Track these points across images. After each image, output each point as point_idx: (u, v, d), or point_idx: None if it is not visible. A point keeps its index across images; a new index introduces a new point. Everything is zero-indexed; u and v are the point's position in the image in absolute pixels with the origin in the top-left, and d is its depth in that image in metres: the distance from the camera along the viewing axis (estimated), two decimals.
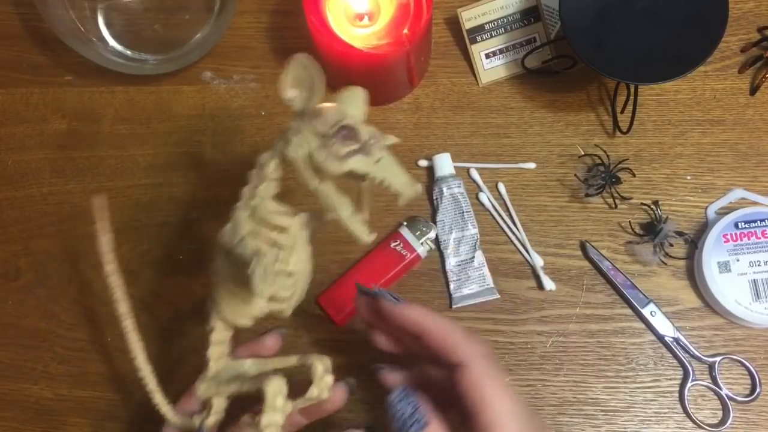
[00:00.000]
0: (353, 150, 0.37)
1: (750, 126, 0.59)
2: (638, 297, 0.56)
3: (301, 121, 0.39)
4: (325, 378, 0.41)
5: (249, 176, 0.41)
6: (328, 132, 0.38)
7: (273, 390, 0.39)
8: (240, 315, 0.43)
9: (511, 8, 0.60)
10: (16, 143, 0.63)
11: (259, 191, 0.41)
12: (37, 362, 0.58)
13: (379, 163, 0.38)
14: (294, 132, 0.39)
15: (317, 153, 0.38)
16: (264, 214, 0.41)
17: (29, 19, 0.65)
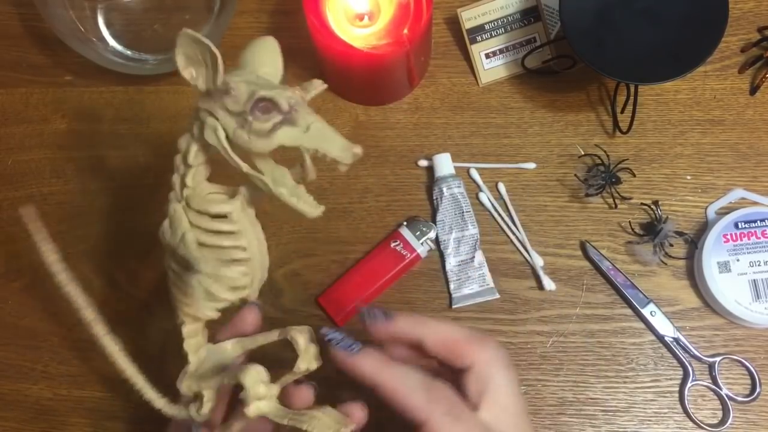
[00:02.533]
0: (277, 123, 0.34)
1: (750, 126, 0.59)
2: (638, 297, 0.56)
3: (211, 100, 0.35)
4: (310, 349, 0.40)
5: (175, 163, 0.39)
6: (243, 109, 0.34)
7: (251, 380, 0.37)
8: (203, 309, 0.41)
9: (511, 8, 0.60)
10: (16, 143, 0.63)
11: (188, 180, 0.38)
12: (37, 362, 0.58)
13: (308, 132, 0.34)
14: (206, 114, 0.35)
15: (237, 134, 0.34)
16: (200, 203, 0.38)
17: (29, 19, 0.65)
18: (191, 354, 0.43)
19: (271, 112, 0.34)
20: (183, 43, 0.34)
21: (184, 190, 0.38)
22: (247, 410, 0.37)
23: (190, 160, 0.37)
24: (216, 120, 0.35)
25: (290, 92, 0.34)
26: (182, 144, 0.38)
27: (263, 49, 0.37)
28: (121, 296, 0.59)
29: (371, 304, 0.43)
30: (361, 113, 0.61)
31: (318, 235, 0.59)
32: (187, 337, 0.42)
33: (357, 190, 0.60)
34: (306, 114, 0.34)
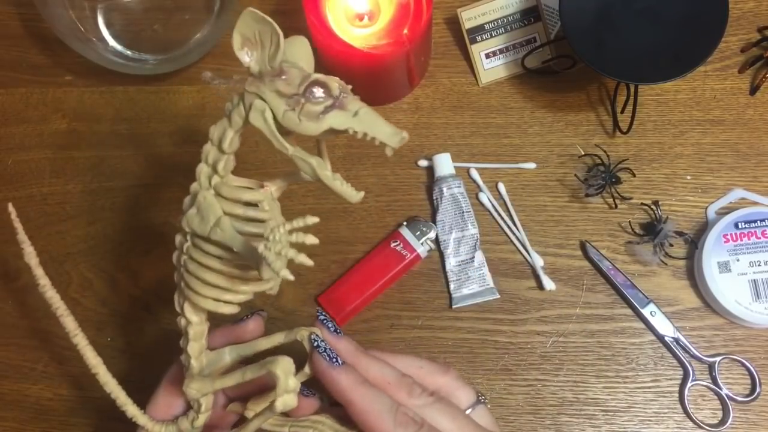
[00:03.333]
0: (328, 106, 0.34)
1: (750, 126, 0.59)
2: (638, 297, 0.56)
3: (261, 83, 0.35)
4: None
5: (204, 152, 0.38)
6: (296, 91, 0.34)
7: (285, 371, 0.36)
8: (223, 303, 0.40)
9: (511, 8, 0.60)
10: (16, 143, 0.63)
11: (219, 168, 0.38)
12: (37, 362, 0.58)
13: (357, 116, 0.34)
14: (253, 96, 0.35)
15: (288, 116, 0.34)
16: (231, 192, 0.38)
17: (29, 19, 0.65)
18: (194, 358, 0.41)
19: (322, 97, 0.34)
20: (244, 21, 0.35)
21: (213, 178, 0.38)
22: (277, 404, 0.36)
23: (225, 147, 0.37)
24: (264, 102, 0.35)
25: (338, 80, 0.35)
26: (216, 131, 0.38)
27: (298, 46, 0.37)
28: (121, 296, 0.59)
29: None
30: None
31: (318, 235, 0.58)
32: (192, 339, 0.41)
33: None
34: (354, 100, 0.35)
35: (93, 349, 0.44)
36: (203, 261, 0.39)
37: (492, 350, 0.56)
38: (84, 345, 0.44)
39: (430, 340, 0.57)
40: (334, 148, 0.60)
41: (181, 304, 0.41)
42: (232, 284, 0.39)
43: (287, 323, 0.57)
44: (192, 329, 0.41)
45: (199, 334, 0.41)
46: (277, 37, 0.35)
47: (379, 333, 0.57)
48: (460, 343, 0.57)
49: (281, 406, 0.36)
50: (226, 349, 0.42)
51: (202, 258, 0.39)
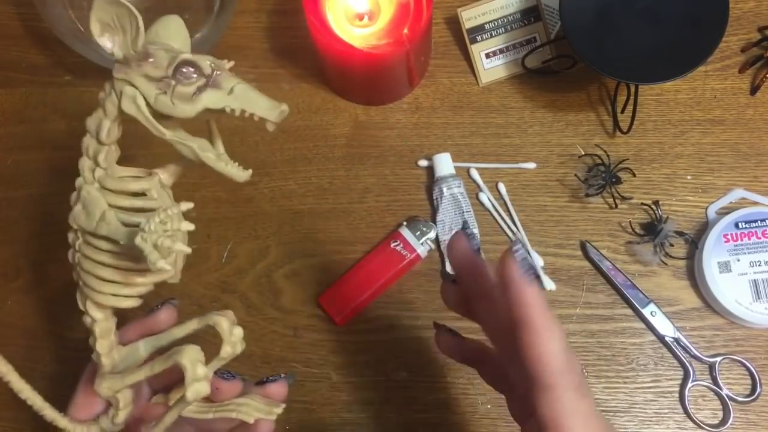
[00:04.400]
0: (201, 86, 0.33)
1: (750, 126, 0.59)
2: (638, 297, 0.56)
3: (128, 68, 0.34)
4: (234, 331, 0.38)
5: (84, 145, 0.37)
6: (165, 74, 0.33)
7: (191, 360, 0.35)
8: (123, 298, 0.39)
9: (511, 8, 0.60)
10: (16, 143, 0.62)
11: (100, 160, 0.37)
12: (37, 362, 0.58)
13: (233, 93, 0.34)
14: (122, 83, 0.34)
15: (160, 100, 0.34)
16: (116, 183, 0.37)
17: (29, 19, 0.65)
18: (104, 356, 0.40)
19: (194, 76, 0.34)
20: (99, 7, 0.33)
21: (96, 171, 0.37)
22: (187, 393, 0.35)
23: (103, 138, 0.36)
24: (135, 88, 0.34)
25: (209, 57, 0.34)
26: (92, 123, 0.37)
27: (170, 25, 0.36)
28: None
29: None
30: (361, 113, 0.61)
31: (318, 235, 0.59)
32: (100, 337, 0.40)
33: (357, 190, 0.60)
34: (228, 77, 0.34)
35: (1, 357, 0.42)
36: (96, 257, 0.38)
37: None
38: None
39: (430, 340, 0.57)
40: (333, 148, 0.60)
41: (83, 303, 0.40)
42: (129, 278, 0.38)
43: (286, 323, 0.57)
44: (98, 327, 0.40)
45: (105, 331, 0.40)
46: (135, 19, 0.33)
47: (379, 333, 0.57)
48: None
49: (192, 395, 0.35)
50: (140, 343, 0.41)
51: (94, 254, 0.38)
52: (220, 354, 0.37)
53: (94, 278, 0.39)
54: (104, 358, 0.40)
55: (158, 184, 0.38)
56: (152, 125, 0.35)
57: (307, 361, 0.57)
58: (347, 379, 0.56)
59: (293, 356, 0.57)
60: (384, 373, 0.56)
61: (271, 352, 0.57)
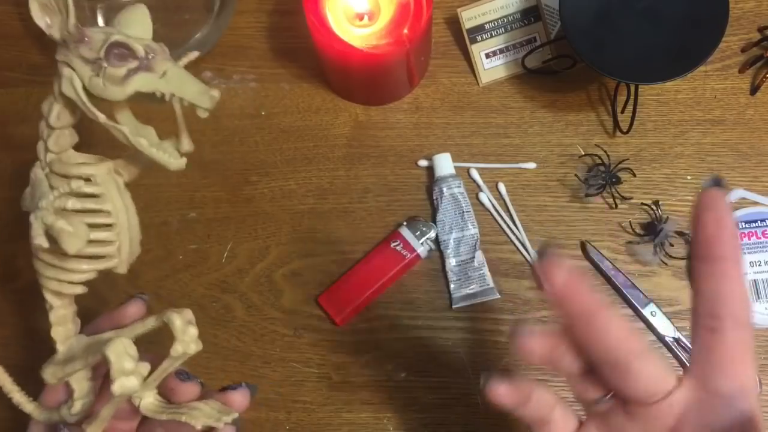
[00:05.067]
0: (132, 69, 0.33)
1: (750, 126, 0.59)
2: (638, 297, 0.56)
3: (67, 50, 0.34)
4: (189, 330, 0.36)
5: (39, 129, 0.37)
6: (98, 56, 0.33)
7: (116, 352, 0.34)
8: (66, 283, 0.39)
9: (511, 8, 0.60)
10: (16, 143, 0.62)
11: (50, 144, 0.37)
12: (38, 362, 0.58)
13: (165, 77, 0.33)
14: (63, 65, 0.34)
15: (93, 82, 0.34)
16: (62, 167, 0.37)
17: (29, 19, 0.64)
18: (59, 342, 0.40)
19: (127, 59, 0.33)
20: None
21: (47, 155, 0.37)
22: (113, 387, 0.34)
23: (52, 122, 0.36)
24: (72, 70, 0.34)
25: (148, 41, 0.34)
26: (45, 107, 0.37)
27: (132, 13, 0.36)
28: (120, 296, 0.59)
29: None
30: (361, 113, 0.61)
31: (318, 235, 0.59)
32: (55, 323, 0.40)
33: (357, 190, 0.60)
34: (163, 60, 0.34)
35: None
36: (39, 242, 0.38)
37: (492, 350, 0.56)
38: None
39: (430, 340, 0.57)
40: (333, 148, 0.60)
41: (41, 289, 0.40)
42: (72, 263, 0.38)
43: (286, 323, 0.57)
44: (54, 313, 0.40)
45: (61, 319, 0.40)
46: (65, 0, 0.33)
47: (379, 333, 0.57)
48: (460, 344, 0.57)
49: (118, 390, 0.34)
50: (105, 335, 0.40)
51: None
52: (171, 353, 0.36)
53: (41, 263, 0.39)
54: (59, 345, 0.40)
55: (105, 171, 0.38)
56: (87, 108, 0.35)
57: (307, 361, 0.57)
58: (347, 379, 0.56)
59: (293, 356, 0.57)
60: (384, 373, 0.56)
61: (271, 352, 0.57)
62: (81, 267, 0.38)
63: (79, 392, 0.40)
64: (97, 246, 0.38)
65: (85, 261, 0.38)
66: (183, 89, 0.33)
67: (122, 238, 0.39)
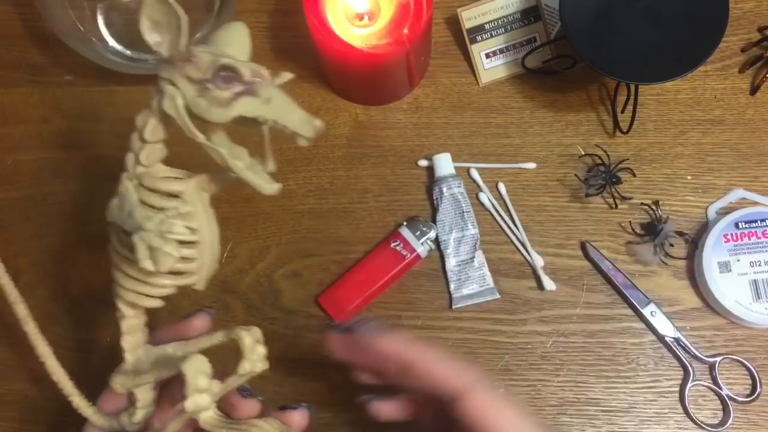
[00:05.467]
0: (237, 92, 0.33)
1: (750, 126, 0.59)
2: (638, 297, 0.56)
3: (172, 68, 0.34)
4: (257, 349, 0.37)
5: (131, 141, 0.38)
6: (204, 77, 0.33)
7: (192, 369, 0.35)
8: (145, 296, 0.39)
9: (511, 8, 0.60)
10: (16, 143, 0.62)
11: (142, 158, 0.37)
12: (38, 362, 0.58)
13: (269, 103, 0.33)
14: (166, 83, 0.34)
15: (196, 102, 0.33)
16: (151, 181, 0.37)
17: (29, 19, 0.65)
18: (128, 352, 0.41)
19: (232, 82, 0.33)
20: (148, 4, 0.33)
21: (137, 167, 0.37)
22: (186, 404, 0.35)
23: (147, 136, 0.36)
24: (176, 89, 0.34)
25: (254, 65, 0.34)
26: (140, 120, 0.37)
27: (231, 31, 0.36)
28: None
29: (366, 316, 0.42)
30: (361, 113, 0.61)
31: (318, 235, 0.59)
32: (125, 333, 0.40)
33: (357, 190, 0.60)
34: (268, 86, 0.33)
35: (43, 338, 0.43)
36: (124, 253, 0.38)
37: (492, 350, 0.56)
38: (34, 333, 0.43)
39: (430, 340, 0.57)
40: (333, 148, 0.60)
41: (115, 298, 0.40)
42: (152, 277, 0.38)
43: (287, 323, 0.57)
44: (125, 323, 0.40)
45: (132, 328, 0.41)
46: (178, 19, 0.33)
47: None
48: (460, 344, 0.57)
49: (191, 407, 0.35)
50: (171, 346, 0.41)
51: (121, 250, 0.38)
52: (238, 370, 0.36)
53: (120, 273, 0.39)
54: (128, 354, 0.41)
55: (193, 187, 0.38)
56: (187, 127, 0.34)
57: (307, 361, 0.57)
58: (347, 379, 0.56)
59: (293, 356, 0.57)
60: None
61: (271, 353, 0.57)
62: (163, 282, 0.38)
63: (142, 402, 0.40)
64: (182, 262, 0.37)
65: (167, 276, 0.38)
66: (286, 117, 0.33)
67: (204, 255, 0.38)
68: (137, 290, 0.39)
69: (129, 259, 0.37)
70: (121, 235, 0.38)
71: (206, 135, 0.35)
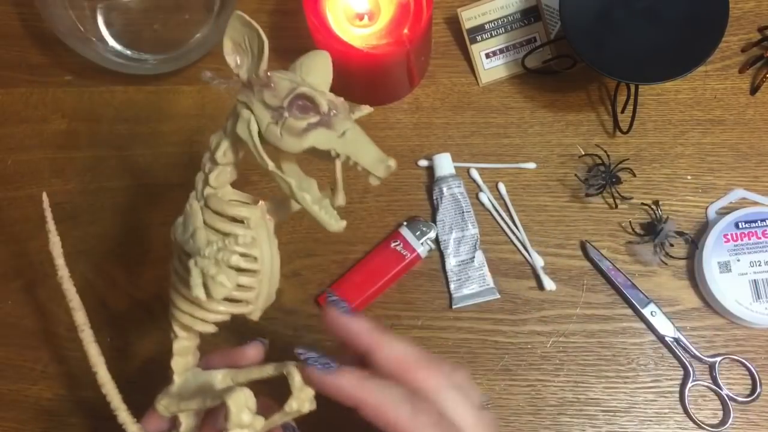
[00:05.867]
0: (312, 123, 0.32)
1: (750, 126, 0.59)
2: (638, 297, 0.56)
3: (250, 92, 0.33)
4: (306, 389, 0.36)
5: (203, 161, 0.37)
6: (281, 104, 0.32)
7: (237, 404, 0.34)
8: (199, 320, 0.39)
9: (511, 8, 0.60)
10: (16, 143, 0.62)
11: (211, 179, 0.36)
12: (37, 362, 0.58)
13: (343, 137, 0.32)
14: (242, 106, 0.34)
15: (270, 129, 0.33)
16: (218, 204, 0.36)
17: (29, 19, 0.65)
18: (177, 374, 0.40)
19: (308, 112, 0.32)
20: (233, 26, 0.33)
21: (206, 188, 0.37)
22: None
23: (218, 158, 0.36)
24: (251, 113, 0.33)
25: (333, 96, 0.33)
26: (213, 141, 0.36)
27: (314, 59, 0.36)
28: (120, 296, 0.59)
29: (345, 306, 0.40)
30: None
31: (318, 235, 0.59)
32: (176, 354, 0.40)
33: (357, 190, 0.60)
34: (344, 119, 0.32)
35: (98, 347, 0.43)
36: (182, 273, 0.38)
37: (492, 350, 0.56)
38: (90, 341, 0.43)
39: (430, 340, 0.57)
40: None
41: (170, 317, 0.40)
42: (210, 304, 0.37)
43: (286, 323, 0.57)
44: (177, 344, 0.40)
45: (183, 350, 0.40)
46: (262, 43, 0.33)
47: None
48: (460, 344, 0.57)
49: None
50: (221, 372, 0.40)
51: (181, 270, 0.38)
52: (285, 408, 0.36)
53: (178, 295, 0.39)
54: (176, 376, 0.40)
55: (259, 214, 0.37)
56: (258, 152, 0.34)
57: None
58: None
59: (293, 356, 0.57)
60: None
61: (271, 352, 0.57)
62: (218, 308, 0.38)
63: (185, 427, 0.40)
64: (239, 290, 0.37)
65: (222, 303, 0.38)
66: (359, 154, 0.32)
67: (263, 286, 0.38)
68: (192, 314, 0.38)
69: (186, 281, 0.37)
70: (182, 256, 0.37)
71: (277, 163, 0.34)
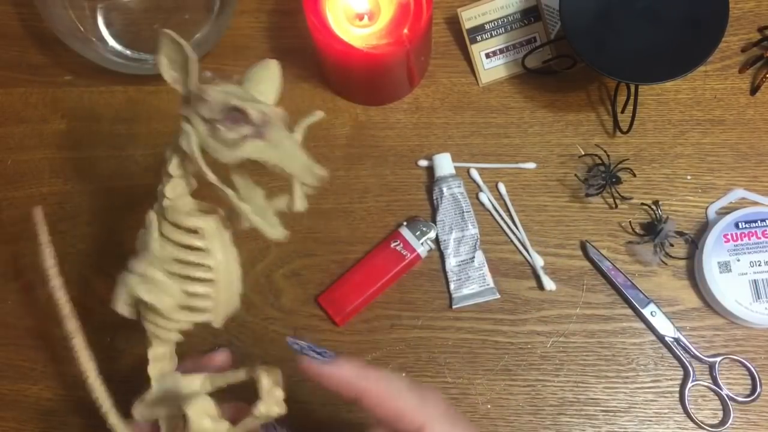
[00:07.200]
0: (246, 135, 0.33)
1: (750, 126, 0.59)
2: (638, 297, 0.56)
3: (188, 106, 0.35)
4: (274, 392, 0.37)
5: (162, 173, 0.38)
6: (215, 116, 0.33)
7: (195, 412, 0.35)
8: (162, 329, 0.40)
9: (512, 8, 0.60)
10: (16, 143, 0.62)
11: (167, 191, 0.37)
12: (37, 362, 0.58)
13: (275, 147, 0.33)
14: (184, 120, 0.35)
15: (207, 142, 0.34)
16: (174, 215, 0.37)
17: (29, 18, 0.65)
18: (154, 380, 0.41)
19: (241, 123, 0.33)
20: (165, 44, 0.34)
21: (163, 200, 0.38)
22: None
23: (171, 170, 0.37)
24: (191, 127, 0.34)
25: (267, 107, 0.34)
26: (166, 154, 0.37)
27: (262, 69, 0.37)
28: None
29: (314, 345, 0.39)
30: (361, 113, 0.61)
31: (318, 235, 0.59)
32: (152, 360, 0.41)
33: (357, 190, 0.60)
34: (277, 130, 0.34)
35: (89, 353, 0.44)
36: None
37: (492, 350, 0.56)
38: (81, 348, 0.44)
39: (430, 340, 0.57)
40: (333, 148, 0.60)
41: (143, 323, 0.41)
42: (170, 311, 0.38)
43: (286, 323, 0.57)
44: (151, 350, 0.41)
45: (157, 356, 0.41)
46: (188, 60, 0.34)
47: (379, 333, 0.57)
48: (460, 344, 0.57)
49: None
50: (201, 377, 0.41)
51: None
52: (253, 411, 0.36)
53: (142, 306, 0.40)
54: (153, 382, 0.41)
55: (214, 224, 0.38)
56: (199, 165, 0.35)
57: None
58: None
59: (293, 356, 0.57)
60: None
61: (272, 353, 0.57)
62: (176, 317, 0.39)
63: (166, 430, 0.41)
64: (195, 299, 0.38)
65: (180, 312, 0.39)
66: (290, 163, 0.34)
67: (220, 295, 0.39)
68: (155, 322, 0.40)
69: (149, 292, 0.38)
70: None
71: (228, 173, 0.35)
